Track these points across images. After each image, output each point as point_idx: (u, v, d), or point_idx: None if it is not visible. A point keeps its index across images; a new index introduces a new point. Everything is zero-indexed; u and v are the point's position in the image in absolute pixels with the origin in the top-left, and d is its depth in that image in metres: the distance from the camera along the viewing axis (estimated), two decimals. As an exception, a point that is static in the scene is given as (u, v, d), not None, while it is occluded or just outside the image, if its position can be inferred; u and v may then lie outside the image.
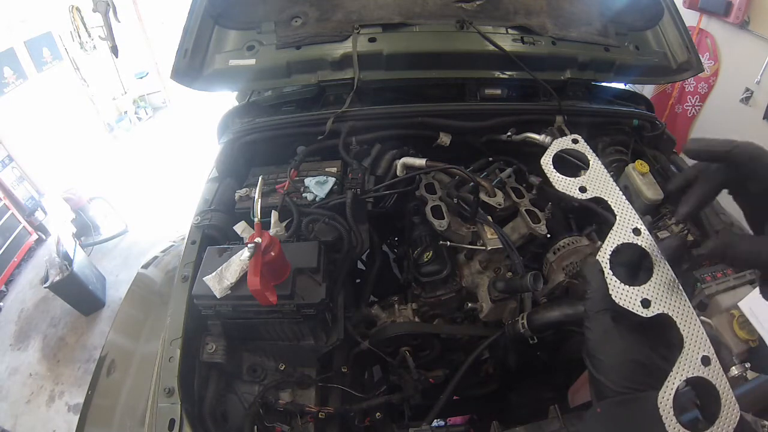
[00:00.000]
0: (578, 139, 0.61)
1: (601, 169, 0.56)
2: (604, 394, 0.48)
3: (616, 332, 0.49)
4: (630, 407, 0.46)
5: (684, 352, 0.44)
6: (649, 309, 0.47)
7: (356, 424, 1.22)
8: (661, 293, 0.48)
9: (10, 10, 4.24)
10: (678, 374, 0.43)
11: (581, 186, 0.56)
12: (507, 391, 1.56)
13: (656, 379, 0.44)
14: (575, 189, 0.56)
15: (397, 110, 1.58)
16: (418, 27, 1.64)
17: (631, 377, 0.47)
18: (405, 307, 1.36)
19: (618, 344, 0.49)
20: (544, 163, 0.60)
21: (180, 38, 1.55)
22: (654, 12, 1.84)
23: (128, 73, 6.21)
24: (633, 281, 0.49)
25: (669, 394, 0.42)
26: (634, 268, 0.52)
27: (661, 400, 0.42)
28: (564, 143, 0.61)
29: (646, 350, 0.49)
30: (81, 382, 3.05)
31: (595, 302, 0.51)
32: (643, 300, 0.47)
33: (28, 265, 4.08)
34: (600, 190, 0.55)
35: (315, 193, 1.35)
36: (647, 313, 0.47)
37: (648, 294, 0.48)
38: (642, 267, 0.52)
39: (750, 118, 3.38)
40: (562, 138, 0.62)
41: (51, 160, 4.61)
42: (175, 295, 1.17)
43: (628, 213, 0.53)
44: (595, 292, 0.51)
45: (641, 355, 0.48)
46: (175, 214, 4.10)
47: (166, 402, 0.99)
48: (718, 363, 0.44)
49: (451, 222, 1.29)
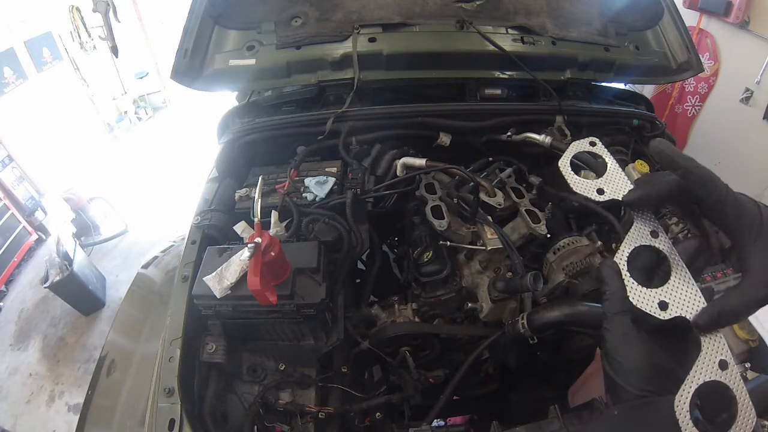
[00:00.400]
0: (596, 142, 0.61)
1: (618, 172, 0.56)
2: (622, 397, 0.47)
3: (636, 335, 0.49)
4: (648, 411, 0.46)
5: (701, 355, 0.44)
6: (666, 311, 0.47)
7: (356, 424, 1.21)
8: (678, 296, 0.47)
9: (10, 10, 4.24)
10: (695, 378, 0.43)
11: (599, 188, 0.56)
12: (507, 391, 1.56)
13: (674, 383, 0.44)
14: (593, 191, 0.56)
15: (397, 110, 1.58)
16: (418, 27, 1.64)
17: (650, 381, 0.46)
18: (405, 307, 1.36)
19: (638, 347, 0.48)
20: (561, 165, 0.60)
21: (180, 38, 1.55)
22: (654, 12, 1.84)
23: (128, 73, 6.22)
24: (649, 284, 0.49)
25: (686, 398, 0.42)
26: (651, 270, 0.52)
27: (678, 404, 0.42)
28: (581, 146, 0.62)
29: (665, 354, 0.48)
30: (81, 382, 3.05)
31: (615, 304, 0.50)
32: (661, 302, 0.47)
33: (28, 265, 4.08)
34: (617, 193, 0.55)
35: (315, 193, 1.35)
36: (665, 316, 0.47)
37: (665, 296, 0.48)
38: (658, 270, 0.52)
39: (750, 118, 3.38)
40: (579, 140, 0.62)
41: (51, 160, 4.61)
42: (175, 295, 1.17)
43: (646, 214, 0.53)
44: (613, 293, 0.51)
45: (660, 358, 0.48)
46: (175, 214, 4.11)
47: (166, 402, 0.99)
48: (735, 367, 0.44)
49: (451, 222, 1.29)
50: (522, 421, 1.10)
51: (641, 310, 0.48)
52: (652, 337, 0.49)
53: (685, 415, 0.41)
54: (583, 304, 1.11)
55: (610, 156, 0.59)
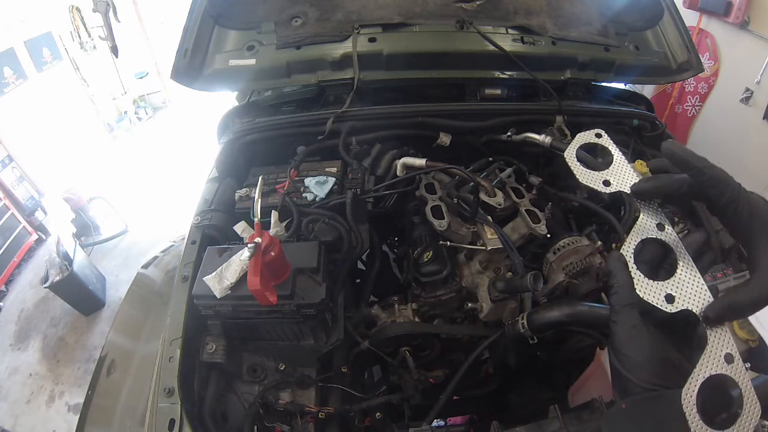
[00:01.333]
0: (601, 134, 0.61)
1: (624, 163, 0.56)
2: (630, 390, 0.47)
3: (644, 328, 0.49)
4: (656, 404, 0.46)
5: (708, 349, 0.44)
6: (672, 304, 0.47)
7: (356, 424, 1.21)
8: (685, 289, 0.47)
9: (10, 10, 4.24)
10: (701, 371, 0.43)
11: (605, 180, 0.56)
12: (507, 391, 1.56)
13: (681, 376, 0.44)
14: (599, 182, 0.56)
15: (397, 110, 1.58)
16: (418, 27, 1.64)
17: (659, 374, 0.47)
18: (405, 307, 1.36)
19: (646, 340, 0.48)
20: (567, 156, 0.59)
21: (180, 38, 1.55)
22: (654, 12, 1.84)
23: (128, 73, 6.22)
24: (655, 277, 0.49)
25: (693, 391, 0.42)
26: (657, 263, 0.52)
27: (685, 397, 0.42)
28: (587, 137, 0.61)
29: (672, 347, 0.49)
30: (81, 382, 3.05)
31: (622, 297, 0.50)
32: (667, 295, 0.47)
33: (28, 265, 4.08)
34: (624, 184, 0.55)
35: (315, 193, 1.35)
36: (671, 309, 0.47)
37: (672, 289, 0.48)
38: (664, 263, 0.52)
39: (750, 118, 3.38)
40: (585, 132, 0.62)
41: (51, 160, 4.61)
42: (175, 295, 1.17)
43: (652, 207, 0.53)
44: (621, 286, 0.50)
45: (669, 352, 0.48)
46: (175, 214, 4.11)
47: (166, 402, 0.99)
48: (740, 361, 0.44)
49: (451, 222, 1.29)
50: (522, 421, 1.10)
51: (648, 303, 0.48)
52: (660, 330, 0.49)
53: (692, 407, 0.42)
54: (583, 304, 1.11)
55: (615, 148, 0.59)
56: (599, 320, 1.08)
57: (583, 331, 1.30)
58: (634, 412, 0.47)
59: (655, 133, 1.76)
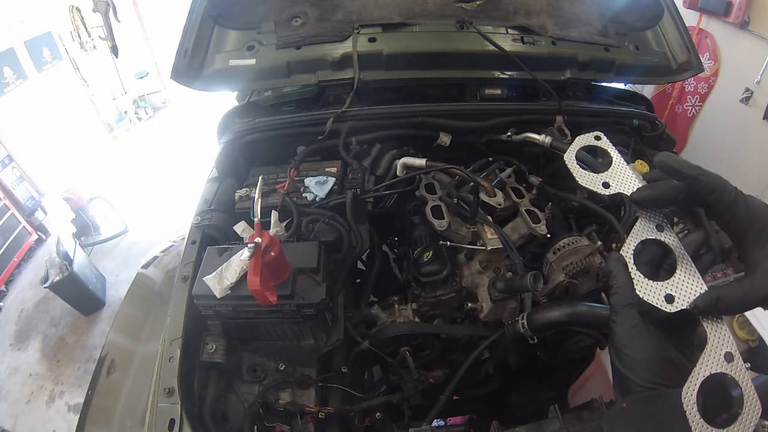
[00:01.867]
0: (600, 136, 0.62)
1: (623, 165, 0.57)
2: (630, 389, 0.48)
3: (645, 327, 0.49)
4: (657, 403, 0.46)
5: (707, 348, 0.45)
6: (672, 304, 0.47)
7: (356, 424, 1.22)
8: (684, 289, 0.48)
9: (10, 10, 4.24)
10: (701, 370, 0.43)
11: (605, 182, 0.56)
12: (507, 391, 1.56)
13: (682, 375, 0.44)
14: (599, 184, 0.57)
15: (397, 110, 1.58)
16: (418, 27, 1.64)
17: (659, 373, 0.47)
18: (405, 307, 1.36)
19: (646, 339, 0.49)
20: (567, 158, 0.60)
21: (180, 38, 1.55)
22: (654, 12, 1.84)
23: (128, 73, 6.22)
24: (655, 278, 0.49)
25: (693, 390, 0.43)
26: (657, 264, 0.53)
27: (685, 396, 0.42)
28: (586, 140, 0.62)
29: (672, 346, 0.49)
30: (81, 382, 3.05)
31: (622, 297, 0.51)
32: (667, 295, 0.48)
33: (28, 265, 4.08)
34: (623, 187, 0.55)
35: (315, 193, 1.35)
36: (671, 309, 0.47)
37: (672, 290, 0.48)
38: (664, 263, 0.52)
39: (750, 118, 3.37)
40: (584, 134, 0.62)
41: (51, 160, 4.62)
42: (175, 295, 1.17)
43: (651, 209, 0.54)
44: (621, 287, 0.51)
45: (669, 351, 0.49)
46: (175, 214, 4.10)
47: (166, 402, 0.99)
48: (740, 360, 0.44)
49: (451, 222, 1.29)
50: (522, 421, 1.10)
51: (648, 303, 0.48)
52: (660, 329, 0.49)
53: (693, 406, 0.42)
54: (583, 304, 1.11)
55: (615, 150, 0.59)
56: (599, 320, 1.08)
57: (583, 331, 1.30)
58: (635, 411, 0.48)
59: (655, 133, 1.76)
